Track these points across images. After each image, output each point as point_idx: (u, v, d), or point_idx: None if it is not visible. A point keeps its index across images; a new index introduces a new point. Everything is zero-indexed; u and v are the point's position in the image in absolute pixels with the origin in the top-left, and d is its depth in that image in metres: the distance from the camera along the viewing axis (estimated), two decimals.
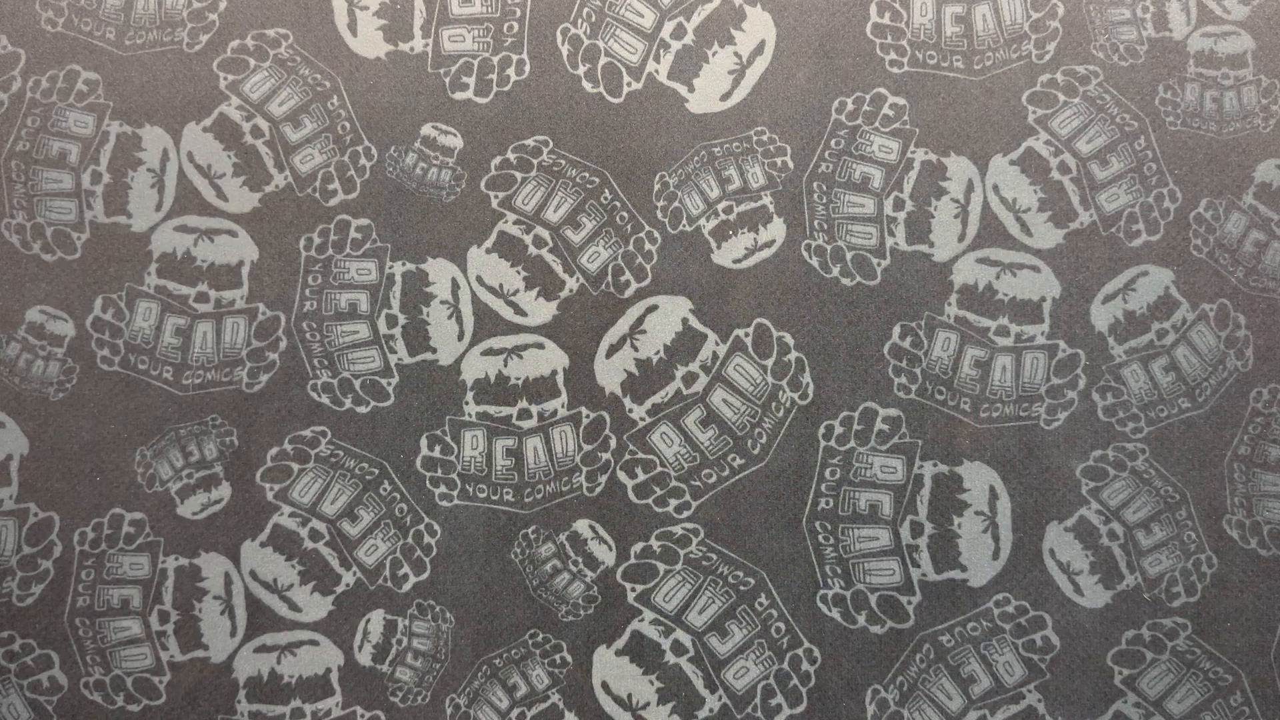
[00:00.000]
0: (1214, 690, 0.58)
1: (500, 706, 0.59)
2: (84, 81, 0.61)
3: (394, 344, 0.61)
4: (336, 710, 0.59)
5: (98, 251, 0.61)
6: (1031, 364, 0.59)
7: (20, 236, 0.61)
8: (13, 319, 0.61)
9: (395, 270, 0.61)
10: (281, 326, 0.61)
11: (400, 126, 0.61)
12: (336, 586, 0.60)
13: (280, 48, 0.61)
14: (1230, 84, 0.60)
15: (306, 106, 0.61)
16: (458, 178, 0.61)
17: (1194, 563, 0.59)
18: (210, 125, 0.61)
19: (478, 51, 0.61)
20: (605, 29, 0.60)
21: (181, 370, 0.61)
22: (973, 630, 0.59)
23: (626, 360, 0.60)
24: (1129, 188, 0.60)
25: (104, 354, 0.61)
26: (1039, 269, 0.60)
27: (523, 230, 0.61)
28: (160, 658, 0.60)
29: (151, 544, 0.60)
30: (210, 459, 0.60)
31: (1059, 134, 0.60)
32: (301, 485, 0.60)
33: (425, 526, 0.60)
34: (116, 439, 0.60)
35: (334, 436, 0.60)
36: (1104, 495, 0.59)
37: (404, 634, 0.60)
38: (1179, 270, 0.60)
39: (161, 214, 0.61)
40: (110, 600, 0.60)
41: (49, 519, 0.60)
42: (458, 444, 0.60)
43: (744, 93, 0.61)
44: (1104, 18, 0.60)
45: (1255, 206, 0.60)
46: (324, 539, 0.60)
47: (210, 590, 0.60)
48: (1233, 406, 0.59)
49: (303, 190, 0.61)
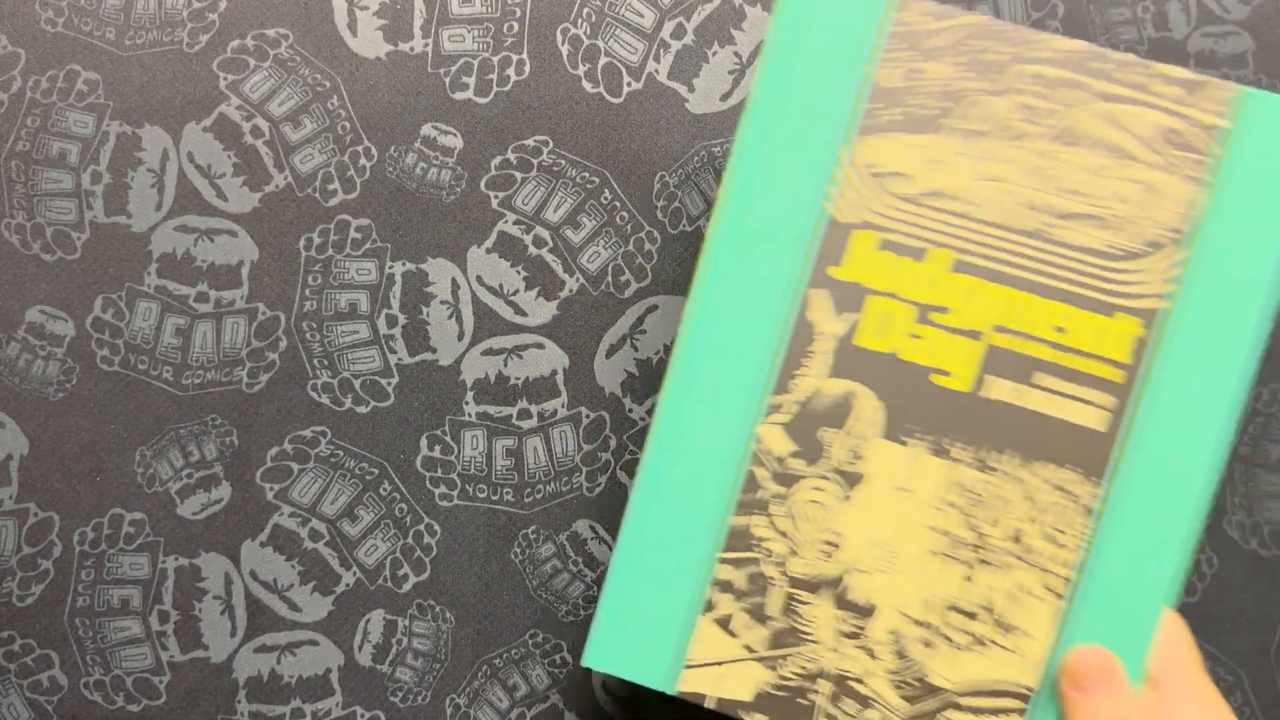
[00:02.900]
0: None
1: (500, 707, 0.59)
2: (84, 81, 0.61)
3: (394, 344, 0.61)
4: (336, 710, 0.59)
5: (97, 251, 0.61)
6: None
7: (20, 236, 0.61)
8: (12, 319, 0.61)
9: (395, 270, 0.61)
10: (281, 326, 0.61)
11: (400, 126, 0.61)
12: (336, 586, 0.60)
13: (280, 48, 0.61)
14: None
15: (306, 106, 0.61)
16: (458, 178, 0.61)
17: (1194, 563, 0.59)
18: (210, 125, 0.61)
19: (478, 51, 0.61)
20: (605, 29, 0.60)
21: (181, 370, 0.61)
22: None
23: (626, 360, 0.60)
24: None
25: (104, 354, 0.61)
26: None
27: (523, 230, 0.61)
28: (160, 658, 0.60)
29: (151, 544, 0.60)
30: (210, 459, 0.60)
31: None
32: (301, 485, 0.60)
33: (425, 526, 0.60)
34: (116, 439, 0.60)
35: (334, 436, 0.60)
36: None
37: (404, 634, 0.60)
38: None
39: (161, 214, 0.61)
40: (110, 600, 0.60)
41: (49, 519, 0.60)
42: (458, 444, 0.60)
43: (744, 93, 0.61)
44: (1104, 17, 0.60)
45: None
46: (324, 539, 0.60)
47: (210, 590, 0.60)
48: None
49: (303, 190, 0.61)
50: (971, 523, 0.47)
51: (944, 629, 0.47)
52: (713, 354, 0.48)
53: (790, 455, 0.48)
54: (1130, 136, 0.46)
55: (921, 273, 0.46)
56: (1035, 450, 0.46)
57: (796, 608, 0.48)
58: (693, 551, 0.48)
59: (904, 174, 0.47)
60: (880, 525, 0.47)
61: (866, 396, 0.47)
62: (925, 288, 0.46)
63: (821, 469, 0.47)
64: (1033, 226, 0.46)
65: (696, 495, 0.48)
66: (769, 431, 0.48)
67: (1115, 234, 0.45)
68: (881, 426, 0.47)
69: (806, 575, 0.48)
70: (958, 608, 0.47)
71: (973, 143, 0.46)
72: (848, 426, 0.47)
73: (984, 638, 0.47)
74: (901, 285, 0.47)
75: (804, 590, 0.48)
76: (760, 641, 0.48)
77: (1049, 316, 0.46)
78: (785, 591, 0.48)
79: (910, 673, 0.47)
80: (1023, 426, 0.46)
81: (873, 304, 0.47)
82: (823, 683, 0.47)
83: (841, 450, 0.47)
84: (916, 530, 0.47)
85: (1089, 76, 0.46)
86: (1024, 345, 0.46)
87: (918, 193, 0.46)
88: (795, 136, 0.47)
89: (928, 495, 0.47)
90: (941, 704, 0.47)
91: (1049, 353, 0.46)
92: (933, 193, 0.46)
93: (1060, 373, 0.46)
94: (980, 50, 0.46)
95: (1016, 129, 0.46)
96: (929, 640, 0.47)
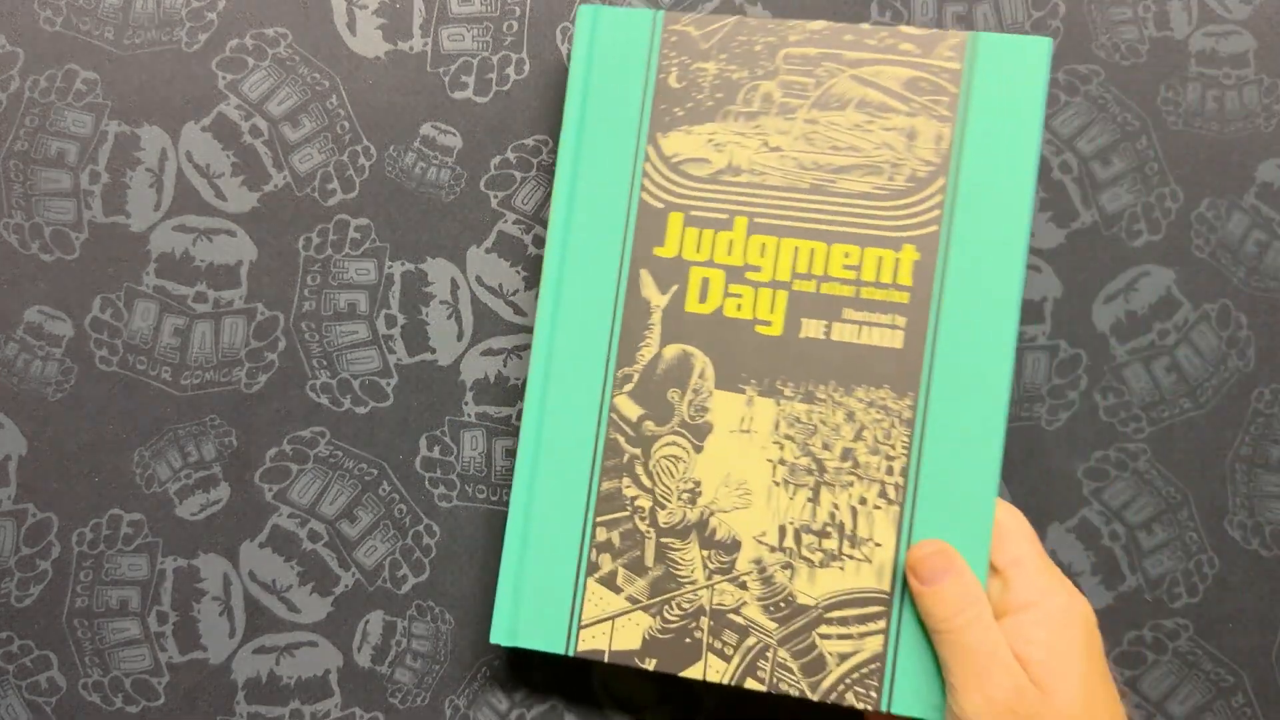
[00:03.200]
0: (1216, 691, 0.58)
1: (499, 708, 0.59)
2: (82, 81, 0.61)
3: (393, 344, 0.60)
4: (335, 711, 0.59)
5: (96, 251, 0.61)
6: (1033, 364, 0.59)
7: (18, 236, 0.61)
8: (11, 319, 0.61)
9: (394, 270, 0.61)
10: (280, 327, 0.61)
11: (399, 126, 0.61)
12: (335, 587, 0.60)
13: (279, 47, 0.61)
14: (1232, 84, 0.60)
15: (305, 106, 0.61)
16: (457, 177, 0.61)
17: (1195, 564, 0.59)
18: (209, 125, 0.61)
19: (477, 51, 0.61)
20: None
21: (180, 370, 0.60)
22: None
23: None
24: (1130, 187, 0.60)
25: (102, 354, 0.60)
26: (1040, 269, 0.59)
27: (522, 230, 0.60)
28: (159, 659, 0.60)
29: (150, 545, 0.60)
30: (209, 459, 0.60)
31: (1061, 133, 0.60)
32: (300, 486, 0.60)
33: (424, 527, 0.60)
34: (115, 439, 0.60)
35: (333, 437, 0.60)
36: (1105, 496, 0.59)
37: (403, 635, 0.59)
38: (1180, 270, 0.59)
39: (160, 214, 0.61)
40: (109, 601, 0.60)
41: (47, 519, 0.60)
42: (457, 444, 0.60)
43: None
44: (1105, 17, 0.60)
45: (1257, 206, 0.60)
46: (323, 540, 0.60)
47: (209, 591, 0.60)
48: (1234, 407, 0.59)
49: (301, 190, 0.61)
50: (808, 450, 0.52)
51: (801, 551, 0.52)
52: (564, 340, 0.54)
53: (642, 419, 0.54)
54: (882, 92, 0.53)
55: (728, 240, 0.53)
56: (851, 377, 0.52)
57: (669, 555, 0.53)
58: (572, 521, 0.54)
59: (700, 159, 0.54)
60: (731, 467, 0.53)
61: (701, 356, 0.53)
62: (734, 252, 0.53)
63: (673, 425, 0.53)
64: (813, 183, 0.53)
65: (567, 469, 0.54)
66: (622, 401, 0.54)
67: (885, 177, 0.52)
68: (717, 379, 0.53)
69: (674, 524, 0.53)
70: (809, 529, 0.52)
71: (751, 123, 0.54)
72: (691, 385, 0.53)
73: (837, 553, 0.52)
74: (715, 253, 0.53)
75: (674, 538, 0.53)
76: (642, 591, 0.53)
77: (841, 259, 0.53)
78: (657, 542, 0.53)
79: (778, 596, 0.52)
80: (837, 358, 0.52)
81: (694, 274, 0.54)
82: (703, 619, 0.52)
83: (687, 407, 0.53)
84: (761, 466, 0.52)
85: (840, 49, 0.53)
86: (825, 287, 0.53)
87: (714, 172, 0.54)
88: (605, 139, 0.55)
89: (766, 433, 0.52)
90: (811, 620, 0.52)
91: (847, 290, 0.52)
92: (726, 170, 0.54)
93: (859, 305, 0.52)
94: (744, 45, 0.54)
95: (786, 104, 0.53)
96: (790, 564, 0.52)
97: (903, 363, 0.52)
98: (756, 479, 0.53)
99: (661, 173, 0.54)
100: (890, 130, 0.52)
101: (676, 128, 0.54)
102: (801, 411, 0.52)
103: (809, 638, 0.51)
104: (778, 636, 0.52)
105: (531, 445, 0.54)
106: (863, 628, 0.51)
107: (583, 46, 0.55)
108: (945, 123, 0.52)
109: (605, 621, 0.53)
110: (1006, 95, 0.52)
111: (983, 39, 0.52)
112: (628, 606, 0.53)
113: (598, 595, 0.53)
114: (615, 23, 0.55)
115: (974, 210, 0.52)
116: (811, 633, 0.52)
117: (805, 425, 0.52)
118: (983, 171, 0.52)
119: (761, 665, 0.52)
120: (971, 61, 0.52)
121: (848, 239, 0.53)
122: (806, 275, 0.53)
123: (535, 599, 0.54)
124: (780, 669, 0.52)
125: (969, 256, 0.52)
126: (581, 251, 0.54)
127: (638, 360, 0.54)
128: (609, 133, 0.55)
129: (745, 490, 0.53)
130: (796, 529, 0.52)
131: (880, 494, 0.51)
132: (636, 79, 0.55)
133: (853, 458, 0.52)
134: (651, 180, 0.54)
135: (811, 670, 0.51)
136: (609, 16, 0.55)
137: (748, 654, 0.52)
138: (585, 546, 0.53)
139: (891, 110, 0.53)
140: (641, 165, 0.54)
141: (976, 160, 0.52)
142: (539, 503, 0.54)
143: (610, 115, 0.55)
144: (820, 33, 0.53)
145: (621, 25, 0.55)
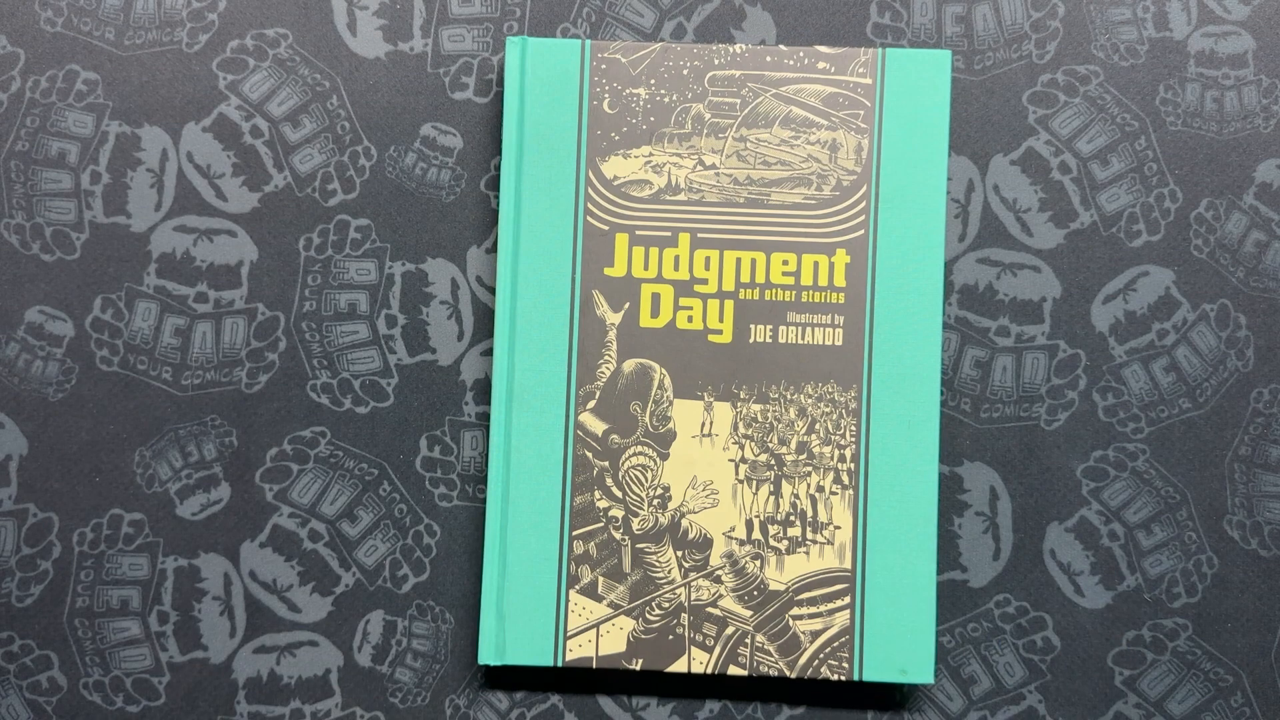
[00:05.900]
0: (1215, 691, 0.58)
1: (500, 708, 0.59)
2: (83, 81, 0.61)
3: (393, 344, 0.60)
4: (336, 711, 0.59)
5: (97, 251, 0.61)
6: (1032, 364, 0.59)
7: (19, 236, 0.61)
8: (12, 319, 0.61)
9: (395, 270, 0.61)
10: (281, 327, 0.61)
11: (400, 126, 0.61)
12: (336, 587, 0.60)
13: (280, 47, 0.61)
14: (1231, 84, 0.60)
15: (306, 106, 0.61)
16: (457, 178, 0.61)
17: (1194, 563, 0.59)
18: (209, 125, 0.61)
19: (477, 51, 0.61)
20: (605, 29, 0.60)
21: (181, 370, 0.60)
22: (973, 631, 0.59)
23: None
24: (1129, 187, 0.60)
25: (103, 354, 0.60)
26: (1039, 269, 0.60)
27: None
28: (160, 658, 0.60)
29: (151, 544, 0.60)
30: (209, 459, 0.60)
31: (1060, 134, 0.60)
32: (301, 486, 0.60)
33: (425, 527, 0.60)
34: (116, 439, 0.60)
35: (333, 437, 0.60)
36: (1105, 496, 0.59)
37: (404, 635, 0.59)
38: (1179, 271, 0.60)
39: (161, 214, 0.61)
40: (109, 601, 0.60)
41: (48, 519, 0.60)
42: (457, 444, 0.60)
43: None
44: (1104, 17, 0.60)
45: (1256, 207, 0.60)
46: (323, 539, 0.60)
47: (209, 591, 0.60)
48: (1233, 407, 0.59)
49: (302, 190, 0.61)
50: (767, 447, 0.56)
51: (769, 541, 0.56)
52: (524, 364, 0.57)
53: (607, 433, 0.57)
54: (804, 108, 0.57)
55: (674, 256, 0.57)
56: (800, 375, 0.56)
57: (645, 559, 0.56)
58: (549, 537, 0.56)
59: (640, 180, 0.57)
60: (696, 470, 0.56)
61: (659, 368, 0.57)
62: (680, 268, 0.57)
63: (638, 436, 0.57)
64: (748, 197, 0.57)
65: (539, 488, 0.57)
66: (586, 418, 0.57)
67: (814, 188, 0.57)
68: (675, 388, 0.56)
69: (647, 529, 0.56)
70: (774, 520, 0.56)
71: (686, 144, 0.57)
72: (652, 396, 0.56)
73: (801, 539, 0.56)
74: (663, 270, 0.57)
75: (649, 543, 0.56)
76: (623, 597, 0.56)
77: (780, 266, 0.57)
78: (633, 548, 0.56)
79: (751, 586, 0.56)
80: (785, 359, 0.56)
81: (645, 290, 0.57)
82: (683, 616, 0.56)
83: (650, 417, 0.57)
84: (725, 466, 0.56)
85: (762, 69, 0.57)
86: (768, 293, 0.57)
87: (654, 193, 0.57)
88: (546, 167, 0.57)
89: (726, 435, 0.56)
90: (783, 604, 0.56)
91: (788, 295, 0.56)
92: (666, 189, 0.57)
93: (801, 308, 0.56)
94: (671, 69, 0.57)
95: (717, 124, 0.57)
96: (759, 554, 0.56)
97: (845, 358, 0.56)
98: (722, 479, 0.56)
99: (605, 195, 0.57)
100: (815, 144, 0.57)
101: (614, 152, 0.57)
102: (757, 411, 0.56)
103: (783, 620, 0.56)
104: (754, 623, 0.56)
105: (502, 468, 0.57)
106: (830, 605, 0.56)
107: (514, 77, 0.58)
108: (864, 134, 0.57)
109: (590, 630, 0.56)
110: (915, 106, 0.57)
111: (890, 55, 0.57)
112: (610, 613, 0.56)
113: (580, 605, 0.56)
114: (544, 53, 0.58)
115: (895, 212, 0.57)
116: (785, 615, 0.56)
117: (762, 424, 0.56)
118: (900, 176, 0.57)
119: (741, 652, 0.56)
120: (881, 76, 0.57)
121: (785, 247, 0.57)
122: (750, 284, 0.56)
123: (519, 616, 0.56)
124: (759, 653, 0.56)
125: (895, 255, 0.56)
126: (533, 278, 0.57)
127: (598, 377, 0.57)
128: (549, 160, 0.57)
129: (712, 490, 0.56)
130: (762, 521, 0.56)
131: (835, 480, 0.56)
132: (570, 106, 0.57)
133: (808, 450, 0.56)
134: (595, 204, 0.57)
135: (788, 650, 0.56)
136: (537, 47, 0.58)
137: (728, 643, 0.56)
138: (564, 560, 0.56)
139: (814, 125, 0.57)
140: (584, 190, 0.57)
141: (894, 167, 0.57)
142: (514, 522, 0.57)
143: (548, 143, 0.57)
144: (742, 55, 0.57)
145: (551, 55, 0.58)
